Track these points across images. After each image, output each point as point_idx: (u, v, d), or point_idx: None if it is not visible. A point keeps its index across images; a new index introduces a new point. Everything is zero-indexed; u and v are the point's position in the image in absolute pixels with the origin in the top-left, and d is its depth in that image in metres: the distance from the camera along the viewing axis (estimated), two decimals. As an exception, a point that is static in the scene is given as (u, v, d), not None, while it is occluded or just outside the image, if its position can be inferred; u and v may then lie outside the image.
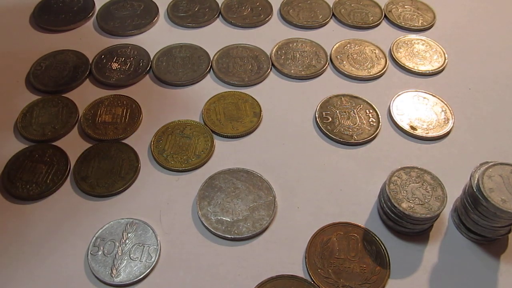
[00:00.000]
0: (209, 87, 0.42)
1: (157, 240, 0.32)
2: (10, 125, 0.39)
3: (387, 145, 0.39)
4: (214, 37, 0.47)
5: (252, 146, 0.38)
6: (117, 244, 0.32)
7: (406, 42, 0.47)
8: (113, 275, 0.30)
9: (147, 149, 0.38)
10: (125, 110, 0.40)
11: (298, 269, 0.31)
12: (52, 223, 0.33)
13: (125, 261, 0.31)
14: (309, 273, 0.31)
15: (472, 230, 0.32)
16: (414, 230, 0.32)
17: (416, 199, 0.31)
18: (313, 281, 0.30)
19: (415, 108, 0.41)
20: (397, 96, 0.42)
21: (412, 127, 0.39)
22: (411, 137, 0.39)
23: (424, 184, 0.32)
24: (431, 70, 0.44)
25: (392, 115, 0.40)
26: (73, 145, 0.38)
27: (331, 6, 0.51)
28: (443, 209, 0.31)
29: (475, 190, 0.30)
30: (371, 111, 0.41)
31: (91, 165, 0.36)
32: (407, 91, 0.42)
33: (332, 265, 0.31)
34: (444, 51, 0.46)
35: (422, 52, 0.46)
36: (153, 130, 0.39)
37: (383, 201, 0.32)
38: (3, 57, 0.45)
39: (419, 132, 0.39)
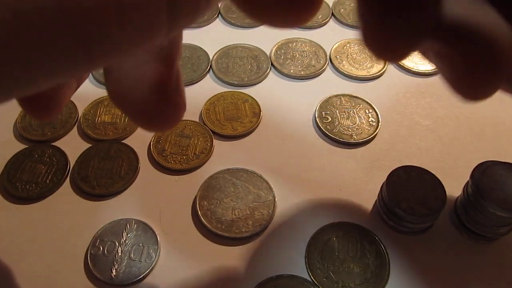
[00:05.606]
0: (209, 87, 0.42)
1: (156, 240, 0.32)
2: (9, 126, 0.39)
3: (387, 145, 0.39)
4: (214, 37, 0.47)
5: (251, 146, 0.38)
6: (117, 244, 0.32)
7: (405, 41, 0.47)
8: (113, 276, 0.30)
9: (146, 149, 0.38)
10: (124, 110, 0.40)
11: (298, 269, 0.31)
12: (52, 223, 0.33)
13: (125, 261, 0.31)
14: (309, 273, 0.31)
15: (472, 230, 0.32)
16: (414, 230, 0.32)
17: (416, 198, 0.31)
18: (313, 281, 0.30)
19: (414, 108, 0.41)
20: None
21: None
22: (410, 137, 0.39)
23: (423, 183, 0.32)
24: (431, 70, 0.44)
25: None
26: (73, 145, 0.38)
27: (330, 6, 0.51)
28: (442, 209, 0.31)
29: (475, 189, 0.30)
30: (370, 110, 0.41)
31: (90, 165, 0.36)
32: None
33: (332, 265, 0.31)
34: (444, 50, 0.46)
35: (422, 52, 0.46)
36: (153, 130, 0.39)
37: (382, 200, 0.32)
38: (2, 57, 0.45)
39: (418, 132, 0.39)
